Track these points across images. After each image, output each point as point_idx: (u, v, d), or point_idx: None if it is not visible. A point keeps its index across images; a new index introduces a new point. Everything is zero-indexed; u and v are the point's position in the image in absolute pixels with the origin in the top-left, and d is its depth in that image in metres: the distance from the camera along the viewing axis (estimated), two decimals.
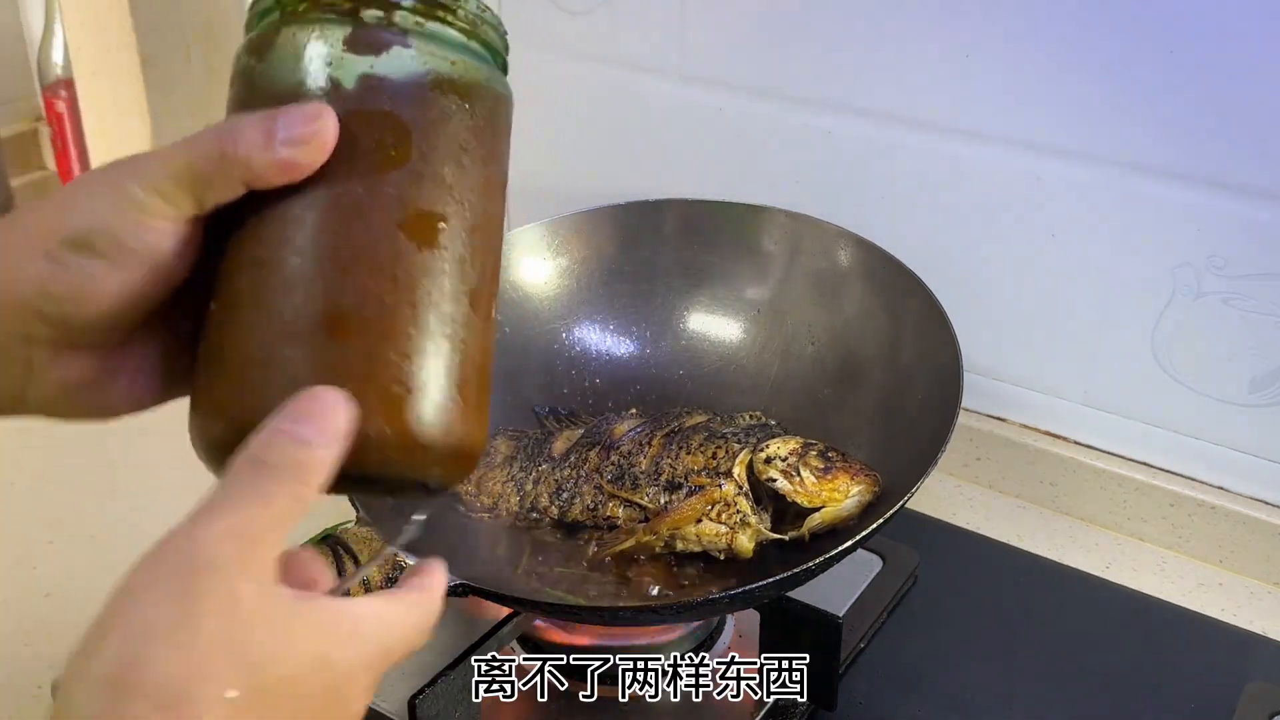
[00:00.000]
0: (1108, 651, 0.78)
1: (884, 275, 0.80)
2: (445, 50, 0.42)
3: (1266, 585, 0.85)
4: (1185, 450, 0.86)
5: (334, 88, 0.40)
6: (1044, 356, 0.90)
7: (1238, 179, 0.77)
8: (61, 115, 1.28)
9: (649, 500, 0.72)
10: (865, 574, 0.81)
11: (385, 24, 0.41)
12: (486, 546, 0.74)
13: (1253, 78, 0.75)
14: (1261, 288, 0.79)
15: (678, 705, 0.71)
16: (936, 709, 0.73)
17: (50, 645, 0.77)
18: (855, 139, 0.91)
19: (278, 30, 0.42)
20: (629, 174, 1.05)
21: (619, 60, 1.01)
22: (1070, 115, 0.82)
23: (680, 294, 0.88)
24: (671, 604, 0.66)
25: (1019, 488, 0.93)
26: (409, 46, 0.41)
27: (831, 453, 0.71)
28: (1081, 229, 0.84)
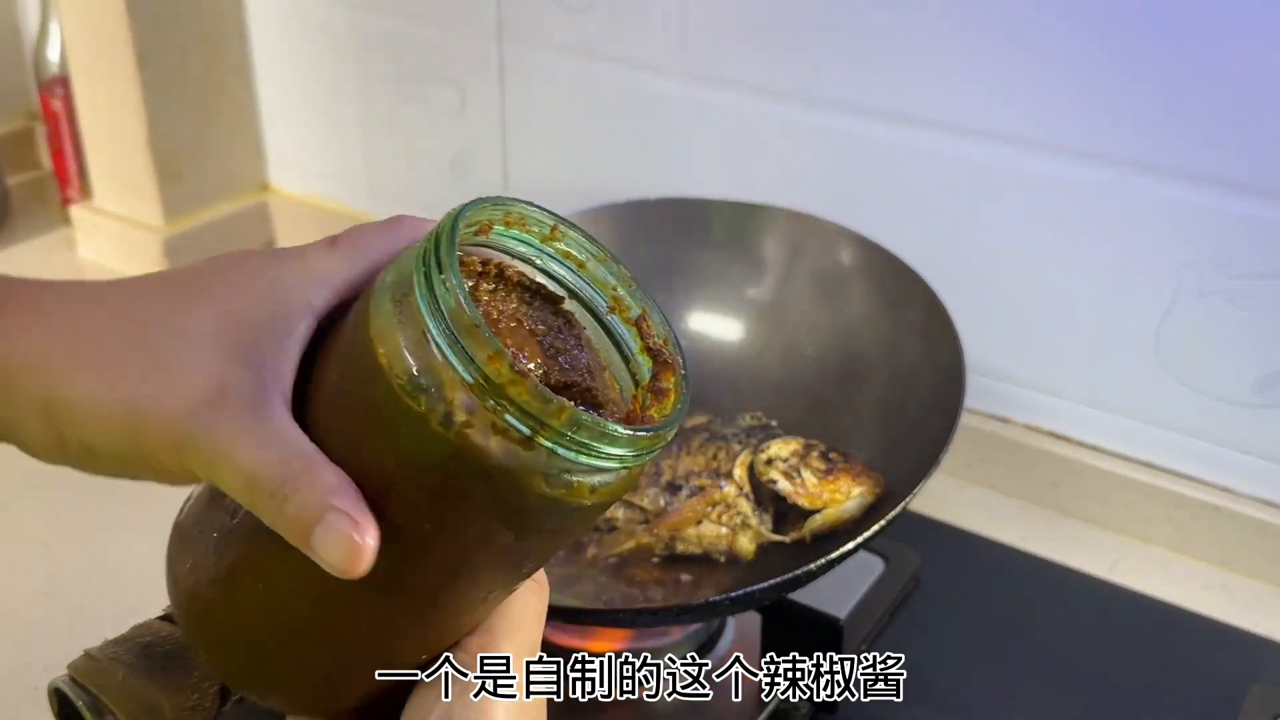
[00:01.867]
0: (1111, 653, 0.77)
1: (886, 275, 0.79)
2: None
3: (1271, 587, 0.84)
4: (1189, 451, 0.86)
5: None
6: (1047, 357, 0.90)
7: (1242, 178, 0.77)
8: (57, 113, 1.28)
9: (649, 502, 0.72)
10: (867, 576, 0.80)
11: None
12: None
13: (1257, 77, 0.75)
14: (1266, 288, 0.78)
15: (678, 707, 0.70)
16: (939, 711, 0.72)
17: (48, 646, 0.77)
18: (857, 138, 0.91)
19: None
20: (629, 173, 1.05)
21: (619, 59, 1.01)
22: (1074, 114, 0.82)
23: (680, 294, 0.87)
24: (672, 606, 0.66)
25: (1022, 489, 0.93)
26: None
27: (833, 454, 0.71)
28: (1085, 229, 0.84)
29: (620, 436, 0.35)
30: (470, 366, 0.34)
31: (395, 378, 0.35)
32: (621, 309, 0.41)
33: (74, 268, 1.28)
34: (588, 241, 0.40)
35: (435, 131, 1.14)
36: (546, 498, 0.36)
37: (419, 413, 0.34)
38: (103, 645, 0.62)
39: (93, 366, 0.37)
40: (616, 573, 0.70)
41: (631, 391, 0.41)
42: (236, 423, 0.36)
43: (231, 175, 1.27)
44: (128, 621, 0.64)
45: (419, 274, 0.35)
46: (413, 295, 0.35)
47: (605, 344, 0.41)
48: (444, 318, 0.34)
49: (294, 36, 1.21)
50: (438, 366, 0.34)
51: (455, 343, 0.34)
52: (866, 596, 0.79)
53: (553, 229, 0.40)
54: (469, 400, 0.34)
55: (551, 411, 0.34)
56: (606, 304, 0.41)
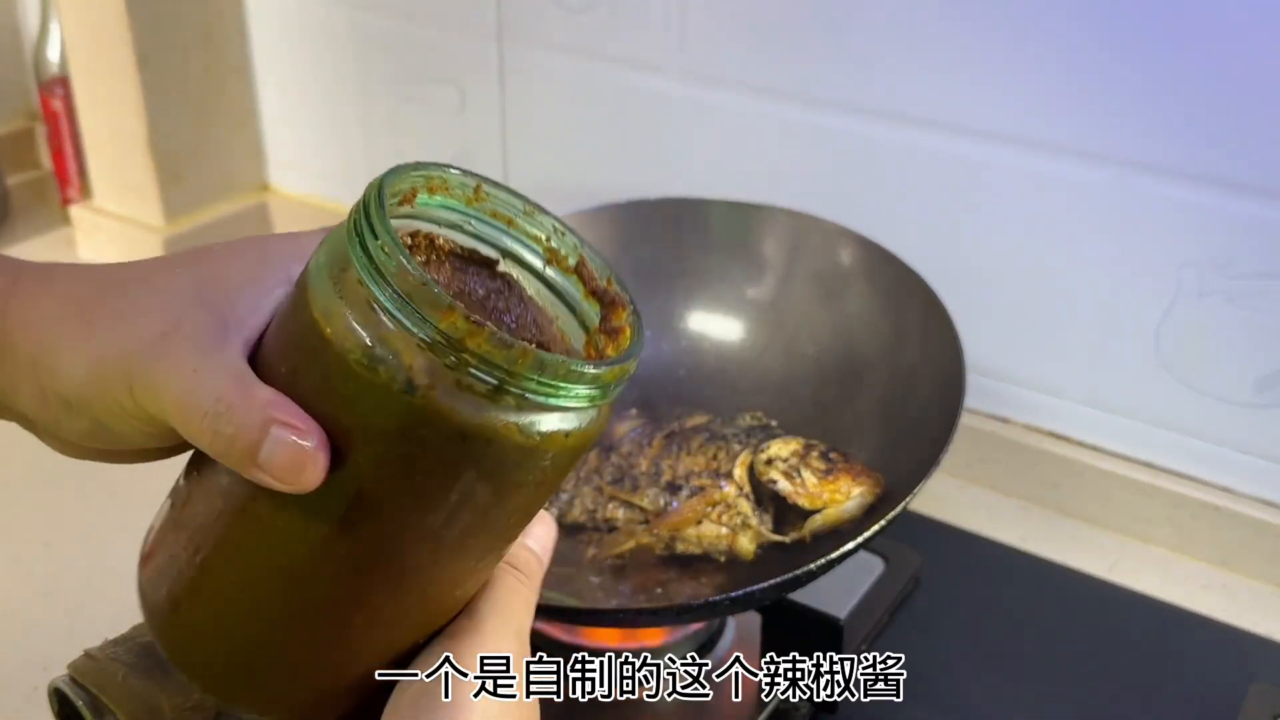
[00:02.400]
0: (1111, 653, 0.77)
1: (886, 274, 0.79)
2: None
3: (1271, 587, 0.84)
4: (1189, 451, 0.86)
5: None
6: (1047, 357, 0.90)
7: (1243, 178, 0.77)
8: (57, 113, 1.28)
9: (649, 502, 0.72)
10: (867, 576, 0.80)
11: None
12: None
13: (1258, 77, 0.75)
14: (1266, 288, 0.78)
15: (678, 707, 0.70)
16: (939, 711, 0.72)
17: (46, 646, 0.77)
18: (857, 137, 0.91)
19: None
20: (629, 173, 1.04)
21: (619, 58, 1.01)
22: (1074, 114, 0.81)
23: (680, 294, 0.87)
24: (672, 606, 0.66)
25: (1022, 489, 0.93)
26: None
27: (833, 454, 0.71)
28: (1085, 229, 0.84)
29: (586, 373, 0.35)
30: (425, 326, 0.33)
31: (349, 354, 0.34)
32: (558, 259, 0.40)
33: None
34: (514, 198, 0.40)
35: (435, 131, 1.14)
36: (522, 448, 0.35)
37: (380, 384, 0.34)
38: (103, 645, 0.62)
39: (73, 322, 0.39)
40: (616, 573, 0.70)
41: (583, 339, 0.40)
42: (180, 354, 0.37)
43: (231, 175, 1.27)
44: (128, 621, 0.64)
45: (354, 245, 0.34)
46: (351, 269, 0.34)
47: (549, 298, 0.41)
48: (388, 282, 0.33)
49: (294, 36, 1.21)
50: (390, 335, 0.33)
51: (405, 304, 0.33)
52: (866, 596, 0.79)
53: (476, 190, 0.39)
54: (429, 362, 0.33)
55: (515, 357, 0.33)
56: (543, 257, 0.40)
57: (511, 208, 0.40)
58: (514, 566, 0.43)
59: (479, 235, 0.40)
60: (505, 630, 0.41)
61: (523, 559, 0.44)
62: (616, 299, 0.40)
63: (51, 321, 0.39)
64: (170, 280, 0.39)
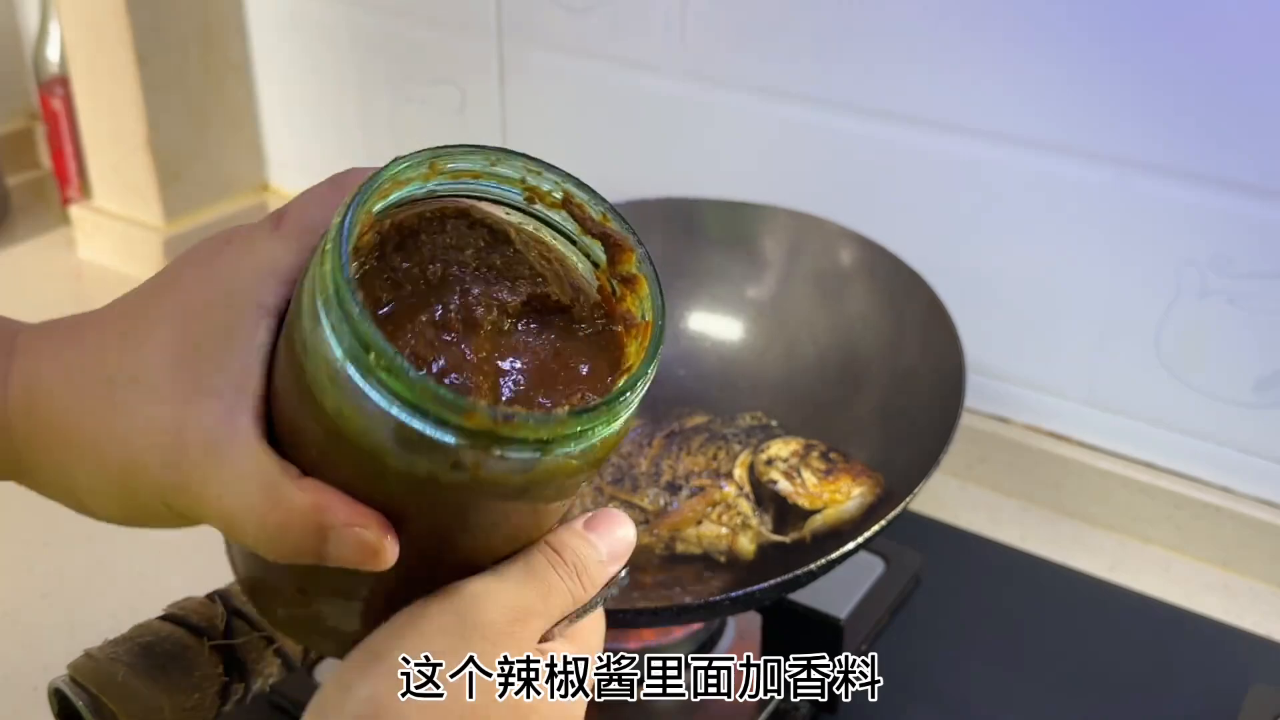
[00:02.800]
0: (1111, 654, 0.77)
1: (886, 274, 0.79)
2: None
3: (1271, 587, 0.84)
4: (1190, 451, 0.86)
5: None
6: (1048, 357, 0.90)
7: (1243, 178, 0.77)
8: (57, 113, 1.28)
9: (649, 502, 0.72)
10: (867, 576, 0.80)
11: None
12: None
13: (1259, 76, 0.75)
14: (1267, 288, 0.78)
15: (678, 707, 0.70)
16: (939, 711, 0.72)
17: (46, 647, 0.77)
18: (857, 137, 0.91)
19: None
20: (629, 173, 1.04)
21: (620, 58, 1.01)
22: (1075, 113, 0.81)
23: (680, 294, 0.87)
24: (672, 606, 0.66)
25: (1022, 489, 0.93)
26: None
27: (833, 454, 0.71)
28: (1086, 228, 0.84)
29: (616, 414, 0.35)
30: (453, 433, 0.33)
31: (384, 455, 0.34)
32: (541, 196, 0.40)
33: (74, 268, 1.28)
34: (476, 152, 0.38)
35: (435, 131, 1.14)
36: (565, 469, 0.36)
37: (421, 475, 0.34)
38: (103, 645, 0.62)
39: (76, 442, 0.38)
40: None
41: (592, 273, 0.40)
42: (202, 473, 0.36)
43: (231, 175, 1.27)
44: (128, 621, 0.64)
45: (356, 364, 0.33)
46: (353, 379, 0.33)
47: (548, 234, 0.40)
48: (403, 400, 0.33)
49: (294, 36, 1.21)
50: (419, 439, 0.33)
51: (426, 420, 0.33)
52: (867, 597, 0.79)
53: (431, 165, 0.38)
54: (467, 454, 0.33)
55: (553, 427, 0.34)
56: (521, 195, 0.40)
57: (477, 161, 0.39)
58: (553, 549, 0.41)
59: (441, 194, 0.39)
60: (591, 640, 0.42)
61: (567, 544, 0.41)
62: (616, 238, 0.39)
63: (58, 439, 0.39)
64: (149, 369, 0.37)
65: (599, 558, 0.42)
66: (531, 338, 0.39)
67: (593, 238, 0.40)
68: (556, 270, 0.40)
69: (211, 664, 0.60)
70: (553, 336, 0.39)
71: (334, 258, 0.33)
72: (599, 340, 0.40)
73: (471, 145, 0.38)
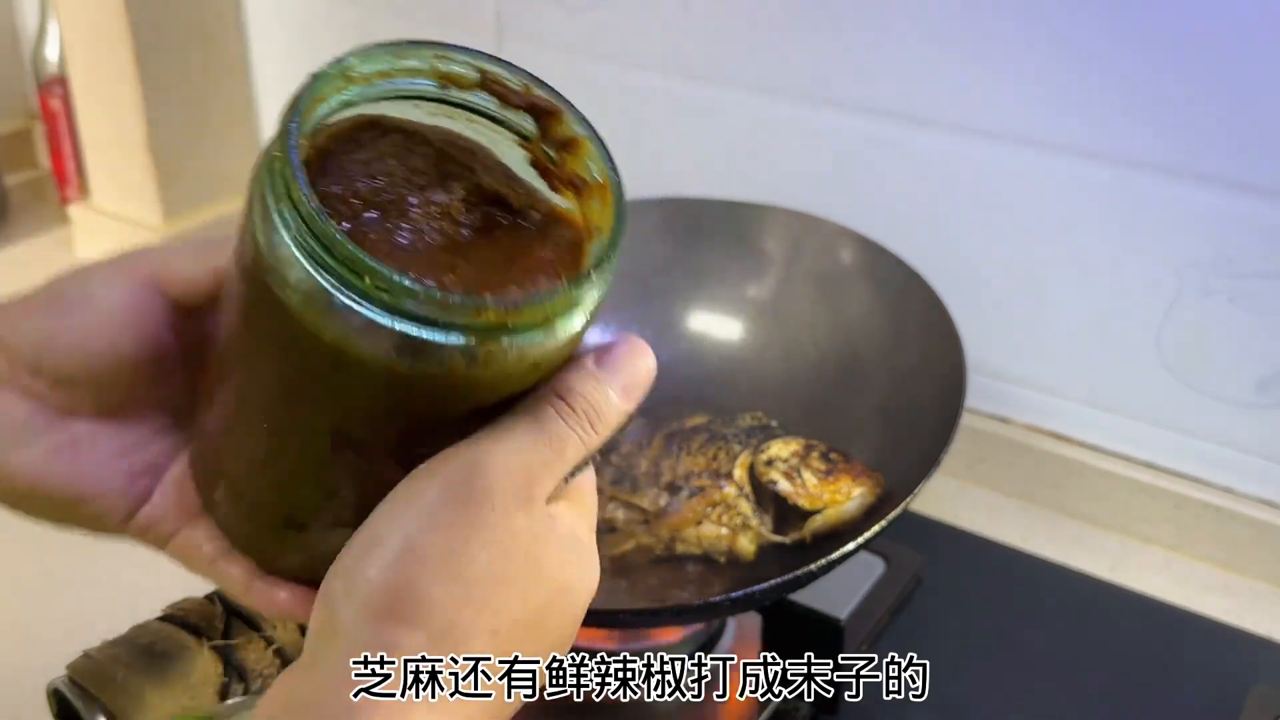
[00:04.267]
0: (1112, 654, 0.77)
1: (887, 274, 0.79)
2: None
3: (1273, 587, 0.84)
4: (1191, 451, 0.86)
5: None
6: (1048, 357, 0.90)
7: (1245, 177, 0.77)
8: (56, 113, 1.27)
9: (649, 502, 0.72)
10: (868, 576, 0.80)
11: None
12: None
13: (1261, 75, 0.75)
14: (1268, 287, 0.78)
15: (678, 707, 0.70)
16: (939, 711, 0.72)
17: (48, 646, 0.77)
18: (858, 137, 0.91)
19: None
20: (629, 173, 1.04)
21: (620, 58, 1.01)
22: (1076, 112, 0.81)
23: (680, 294, 0.87)
24: (672, 606, 0.66)
25: (1023, 489, 0.93)
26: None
27: (833, 454, 0.71)
28: (1087, 227, 0.84)
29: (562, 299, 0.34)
30: (454, 332, 0.33)
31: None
32: (456, 80, 0.38)
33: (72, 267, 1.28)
34: (383, 49, 0.37)
35: None
36: (564, 348, 0.36)
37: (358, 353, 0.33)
38: (102, 645, 0.62)
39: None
40: (616, 573, 0.70)
41: (522, 154, 0.39)
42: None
43: (230, 174, 1.27)
44: (127, 622, 0.64)
45: (310, 266, 0.33)
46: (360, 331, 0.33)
47: (482, 128, 0.39)
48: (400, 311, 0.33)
49: (292, 35, 1.21)
50: (413, 342, 0.33)
51: (437, 325, 0.33)
52: (867, 597, 0.79)
53: (343, 75, 0.36)
54: (465, 351, 0.33)
55: (489, 325, 0.33)
56: (436, 85, 0.38)
57: (384, 60, 0.37)
58: (560, 396, 0.37)
59: (356, 103, 0.37)
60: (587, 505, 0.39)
61: (576, 390, 0.37)
62: (543, 103, 0.39)
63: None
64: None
65: (612, 400, 0.37)
66: (485, 235, 0.38)
67: (518, 110, 0.39)
68: (486, 161, 0.39)
69: (211, 664, 0.60)
70: (505, 229, 0.38)
71: (304, 203, 0.33)
72: (553, 225, 0.39)
73: (379, 43, 0.37)
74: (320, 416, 0.37)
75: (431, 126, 0.39)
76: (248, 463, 0.40)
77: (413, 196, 0.37)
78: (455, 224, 0.37)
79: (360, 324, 0.33)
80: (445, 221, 0.37)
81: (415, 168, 0.38)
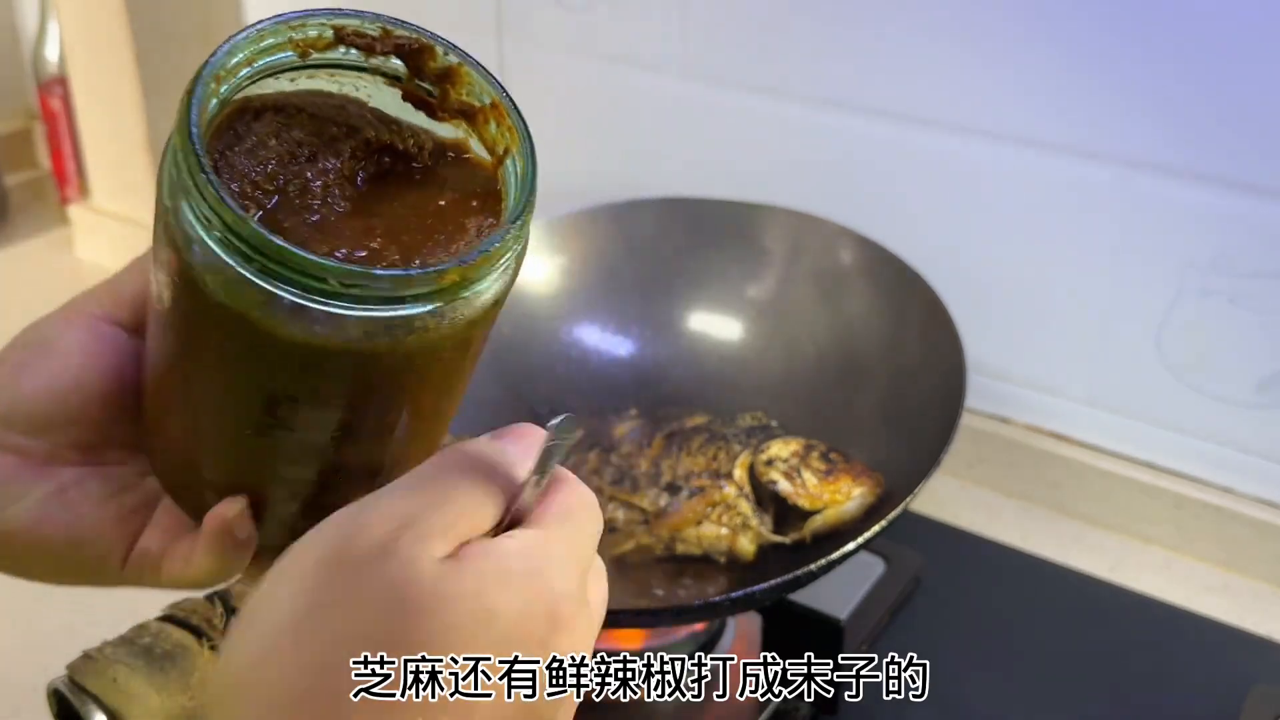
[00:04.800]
0: (1112, 654, 0.77)
1: (887, 274, 0.79)
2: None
3: (1272, 587, 0.84)
4: (1191, 451, 0.86)
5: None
6: (1048, 357, 0.90)
7: (1245, 177, 0.77)
8: (56, 113, 1.27)
9: (649, 502, 0.72)
10: (868, 576, 0.80)
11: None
12: None
13: (1260, 76, 0.75)
14: (1268, 288, 0.78)
15: (678, 708, 0.70)
16: (939, 711, 0.72)
17: (45, 646, 0.77)
18: (857, 137, 0.91)
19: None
20: (629, 172, 1.04)
21: (619, 57, 1.01)
22: (1075, 113, 0.81)
23: (680, 294, 0.87)
24: (672, 606, 0.66)
25: (1023, 489, 0.93)
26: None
27: (833, 454, 0.71)
28: (1087, 228, 0.84)
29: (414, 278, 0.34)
30: (418, 303, 0.33)
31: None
32: (313, 44, 0.38)
33: (72, 267, 1.28)
34: (242, 39, 0.36)
35: None
36: (504, 293, 0.36)
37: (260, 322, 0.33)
38: (102, 646, 0.62)
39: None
40: (616, 573, 0.70)
41: (396, 95, 0.39)
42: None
43: None
44: (127, 622, 0.64)
45: (256, 271, 0.33)
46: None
47: (352, 82, 0.39)
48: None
49: None
50: (375, 321, 0.33)
51: (404, 301, 0.33)
52: (867, 597, 0.79)
53: (215, 78, 0.36)
54: (425, 317, 0.34)
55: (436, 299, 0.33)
56: (296, 55, 0.37)
57: (244, 50, 0.36)
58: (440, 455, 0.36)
59: (229, 99, 0.37)
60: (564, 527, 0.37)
61: (458, 448, 0.36)
62: (406, 42, 0.38)
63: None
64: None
65: (509, 453, 0.36)
66: (389, 187, 0.38)
67: (385, 55, 0.38)
68: (364, 114, 0.39)
69: (211, 664, 0.60)
70: (407, 177, 0.39)
71: (257, 234, 0.33)
72: (454, 160, 0.40)
73: (241, 31, 0.36)
74: (269, 400, 0.37)
75: (302, 93, 0.38)
76: (216, 456, 0.41)
77: (306, 170, 0.37)
78: (354, 184, 0.38)
79: (324, 319, 0.33)
80: (344, 185, 0.37)
81: (298, 140, 0.38)
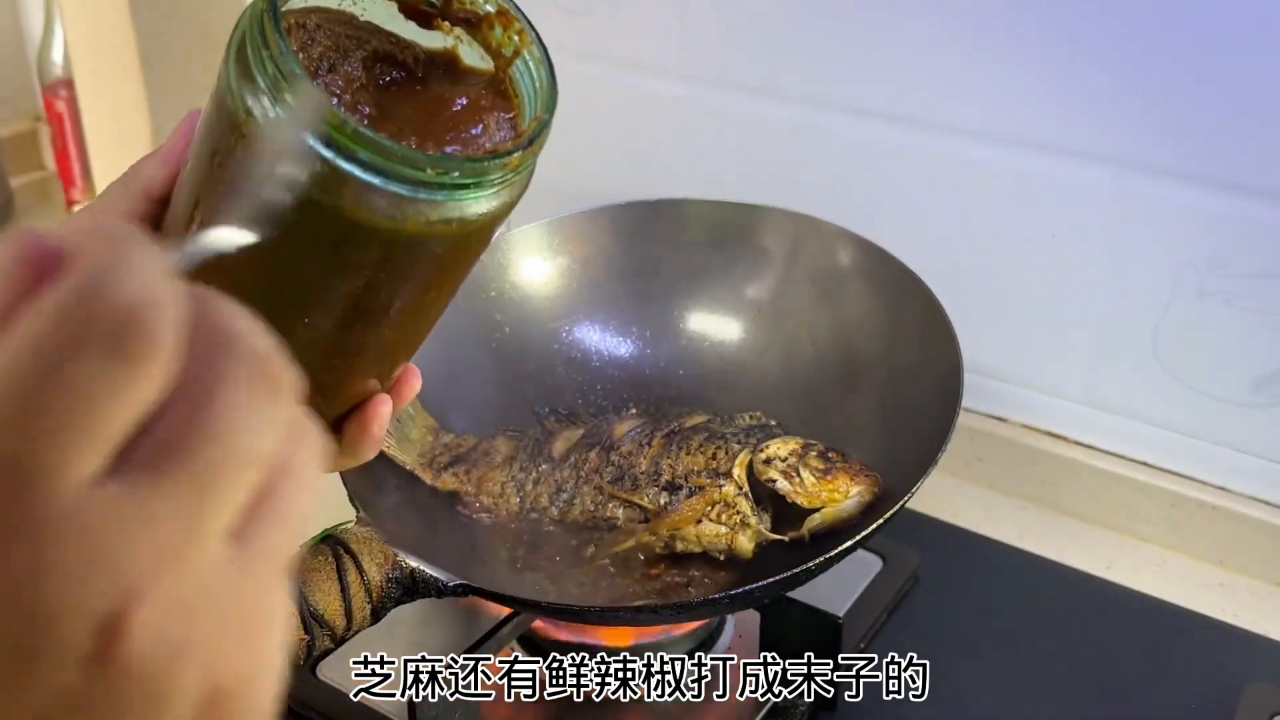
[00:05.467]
0: (1108, 652, 0.77)
1: (884, 275, 0.79)
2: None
3: (1268, 585, 0.84)
4: (1186, 450, 0.86)
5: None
6: (1045, 356, 0.90)
7: (1241, 178, 0.77)
8: (61, 115, 1.28)
9: (649, 501, 0.72)
10: (865, 574, 0.81)
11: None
12: (486, 547, 0.74)
13: (1257, 77, 0.75)
14: (1264, 287, 0.79)
15: (678, 706, 0.70)
16: (937, 710, 0.72)
17: None
18: (856, 138, 0.91)
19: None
20: (629, 174, 1.05)
21: (619, 60, 1.01)
22: (1072, 114, 0.82)
23: (680, 294, 0.87)
24: (671, 605, 0.66)
25: (1020, 488, 0.93)
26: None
27: (831, 453, 0.71)
28: (1083, 228, 0.84)
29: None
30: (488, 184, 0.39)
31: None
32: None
33: None
34: None
35: None
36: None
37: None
38: None
39: None
40: (616, 572, 0.71)
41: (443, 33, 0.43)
42: None
43: None
44: None
45: (339, 155, 0.36)
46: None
47: (366, 3, 0.43)
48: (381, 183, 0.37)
49: None
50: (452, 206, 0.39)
51: (482, 186, 0.39)
52: (865, 595, 0.79)
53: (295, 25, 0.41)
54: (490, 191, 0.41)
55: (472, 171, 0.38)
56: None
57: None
58: None
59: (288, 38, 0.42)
60: None
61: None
62: None
63: None
64: None
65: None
66: (403, 98, 0.42)
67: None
68: (366, 28, 0.42)
69: None
70: (414, 90, 0.42)
71: (383, 144, 0.37)
72: (451, 72, 0.43)
73: None
74: (336, 288, 0.40)
75: (312, 9, 0.42)
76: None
77: (337, 79, 0.41)
78: (372, 92, 0.41)
79: (429, 206, 0.38)
80: (365, 93, 0.41)
81: (320, 54, 0.41)
